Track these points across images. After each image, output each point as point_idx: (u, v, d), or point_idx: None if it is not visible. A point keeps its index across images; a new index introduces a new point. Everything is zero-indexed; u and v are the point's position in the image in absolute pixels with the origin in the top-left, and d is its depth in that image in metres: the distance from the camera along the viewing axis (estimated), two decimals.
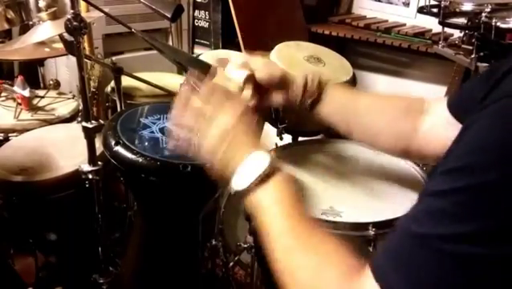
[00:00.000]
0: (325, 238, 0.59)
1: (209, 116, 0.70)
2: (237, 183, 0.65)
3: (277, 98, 0.92)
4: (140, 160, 1.07)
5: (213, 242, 1.51)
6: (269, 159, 0.64)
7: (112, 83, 1.73)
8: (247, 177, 0.64)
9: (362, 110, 0.92)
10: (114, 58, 1.98)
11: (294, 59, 1.49)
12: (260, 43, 1.67)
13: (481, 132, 0.48)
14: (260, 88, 0.88)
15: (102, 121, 1.22)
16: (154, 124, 1.22)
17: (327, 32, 2.73)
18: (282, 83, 0.90)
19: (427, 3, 1.97)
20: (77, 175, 1.26)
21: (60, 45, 1.66)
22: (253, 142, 0.68)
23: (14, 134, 1.61)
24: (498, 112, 0.48)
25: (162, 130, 1.20)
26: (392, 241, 0.51)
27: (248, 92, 0.84)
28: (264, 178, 0.63)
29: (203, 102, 0.71)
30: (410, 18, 2.74)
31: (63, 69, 2.40)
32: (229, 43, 2.49)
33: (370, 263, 0.51)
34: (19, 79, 1.72)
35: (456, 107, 0.80)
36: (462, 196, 0.46)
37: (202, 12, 2.78)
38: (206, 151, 0.70)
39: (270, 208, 0.62)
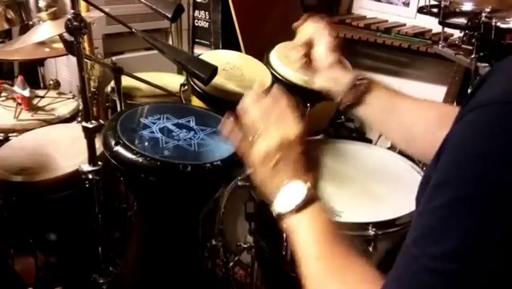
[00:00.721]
0: (356, 264, 0.60)
1: (268, 126, 0.71)
2: (275, 207, 0.68)
3: (322, 80, 0.96)
4: (140, 160, 1.07)
5: (213, 242, 1.51)
6: (306, 191, 0.66)
7: (112, 83, 1.73)
8: (283, 205, 0.66)
9: (402, 114, 0.90)
10: (114, 58, 1.98)
11: (294, 59, 1.48)
12: (260, 43, 1.67)
13: (458, 146, 0.48)
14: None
15: (102, 121, 1.22)
16: (154, 124, 1.22)
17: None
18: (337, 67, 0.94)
19: (427, 3, 1.97)
20: (77, 175, 1.26)
21: (60, 45, 1.66)
22: (295, 170, 0.68)
23: (14, 134, 1.61)
24: (471, 124, 0.48)
25: (162, 130, 1.20)
26: (397, 262, 0.52)
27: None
28: (300, 207, 0.65)
29: (267, 111, 0.73)
30: (410, 18, 2.74)
31: (63, 69, 2.40)
32: (229, 43, 2.48)
33: (381, 286, 0.52)
34: (19, 79, 1.72)
35: None
36: (442, 212, 0.47)
37: (202, 12, 2.78)
38: (253, 160, 0.71)
39: (305, 236, 0.64)
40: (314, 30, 0.98)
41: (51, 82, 1.92)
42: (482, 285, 0.45)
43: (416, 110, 0.90)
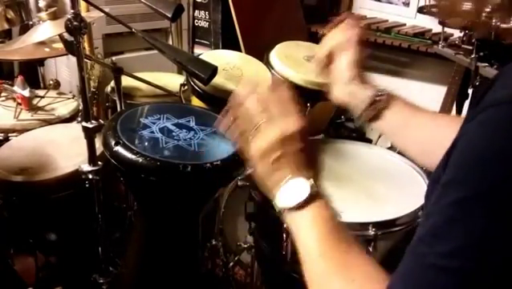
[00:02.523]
0: (360, 261, 0.60)
1: (268, 120, 0.68)
2: (276, 203, 0.66)
3: (339, 93, 0.95)
4: (140, 160, 1.07)
5: (213, 242, 1.51)
6: (309, 187, 0.64)
7: (112, 83, 1.73)
8: (285, 201, 0.65)
9: (418, 129, 0.90)
10: (114, 58, 1.98)
11: (294, 59, 1.49)
12: (260, 43, 1.67)
13: (469, 145, 0.49)
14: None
15: (102, 121, 1.22)
16: (154, 124, 1.22)
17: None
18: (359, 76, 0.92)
19: (427, 3, 1.97)
20: (77, 175, 1.26)
21: (60, 45, 1.66)
22: (296, 166, 0.66)
23: (14, 134, 1.61)
24: (483, 124, 0.48)
25: (162, 130, 1.20)
26: (403, 260, 0.52)
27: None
28: (303, 204, 0.64)
29: (266, 102, 0.70)
30: (410, 18, 2.74)
31: (63, 69, 2.40)
32: (229, 43, 2.48)
33: (387, 284, 0.52)
34: (19, 79, 1.72)
35: None
36: (452, 210, 0.47)
37: (202, 12, 2.78)
38: (252, 155, 0.69)
39: (307, 232, 0.63)
40: (338, 41, 0.95)
41: (51, 82, 1.92)
42: (489, 283, 0.45)
43: (433, 126, 0.89)
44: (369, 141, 2.68)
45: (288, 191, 0.65)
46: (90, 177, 1.24)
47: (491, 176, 0.45)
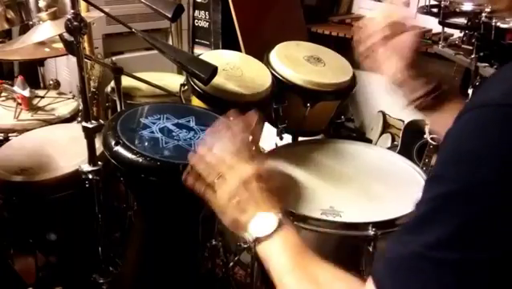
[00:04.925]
0: (328, 271, 0.64)
1: (227, 170, 0.77)
2: (248, 238, 0.74)
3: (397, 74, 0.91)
4: (140, 160, 1.07)
5: (213, 242, 1.51)
6: (276, 221, 0.71)
7: (112, 83, 1.73)
8: (256, 234, 0.72)
9: None
10: (114, 58, 1.98)
11: (294, 59, 1.49)
12: (260, 43, 1.67)
13: (452, 143, 0.51)
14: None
15: (102, 121, 1.22)
16: (154, 124, 1.22)
17: (327, 32, 2.73)
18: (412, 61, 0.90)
19: (427, 3, 1.97)
20: (77, 175, 1.26)
21: (60, 45, 1.67)
22: (260, 203, 0.74)
23: (14, 134, 1.61)
24: (466, 123, 0.50)
25: (162, 130, 1.20)
26: (388, 248, 0.54)
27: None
28: (272, 233, 0.71)
29: (226, 155, 0.79)
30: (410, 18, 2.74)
31: (63, 69, 2.40)
32: (229, 43, 2.49)
33: (372, 272, 0.54)
34: (19, 79, 1.72)
35: None
36: (435, 203, 0.50)
37: (202, 12, 2.78)
38: (219, 202, 0.78)
39: (279, 255, 0.69)
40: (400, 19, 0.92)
41: (51, 82, 1.92)
42: (475, 276, 0.46)
43: None
44: (369, 141, 2.68)
45: (257, 226, 0.72)
46: (90, 177, 1.24)
47: (472, 175, 0.47)
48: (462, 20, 1.81)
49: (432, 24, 2.42)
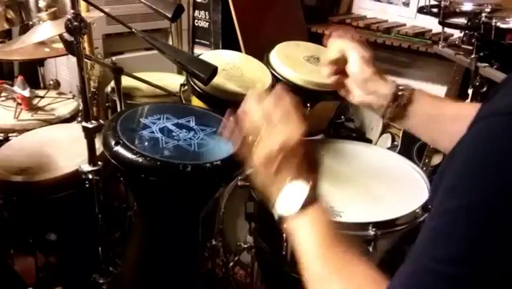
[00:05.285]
0: (357, 266, 0.60)
1: (271, 129, 0.70)
2: (276, 208, 0.68)
3: (361, 95, 0.93)
4: (140, 160, 1.07)
5: (213, 242, 1.51)
6: (307, 192, 0.65)
7: (112, 83, 1.73)
8: (284, 207, 0.66)
9: (447, 120, 0.89)
10: (114, 58, 1.98)
11: (294, 59, 1.49)
12: (260, 43, 1.67)
13: (467, 153, 0.49)
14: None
15: (102, 121, 1.22)
16: (154, 124, 1.22)
17: (327, 32, 2.73)
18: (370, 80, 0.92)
19: (427, 3, 1.97)
20: (77, 175, 1.26)
21: (60, 45, 1.66)
22: (297, 170, 0.68)
23: (14, 134, 1.61)
24: (481, 132, 0.49)
25: (162, 130, 1.20)
26: (405, 262, 0.52)
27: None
28: (302, 208, 0.65)
29: (270, 111, 0.72)
30: (410, 18, 2.74)
31: (63, 69, 2.40)
32: (229, 43, 2.48)
33: (387, 286, 0.52)
34: (19, 79, 1.72)
35: None
36: (448, 217, 0.48)
37: (202, 12, 2.78)
38: (255, 162, 0.71)
39: (306, 235, 0.64)
40: (344, 46, 0.95)
41: (51, 82, 1.92)
42: None
43: (459, 117, 0.87)
44: (369, 141, 2.68)
45: (288, 195, 0.66)
46: (90, 177, 1.23)
47: (487, 186, 0.46)
48: (462, 20, 1.81)
49: (432, 24, 2.42)
